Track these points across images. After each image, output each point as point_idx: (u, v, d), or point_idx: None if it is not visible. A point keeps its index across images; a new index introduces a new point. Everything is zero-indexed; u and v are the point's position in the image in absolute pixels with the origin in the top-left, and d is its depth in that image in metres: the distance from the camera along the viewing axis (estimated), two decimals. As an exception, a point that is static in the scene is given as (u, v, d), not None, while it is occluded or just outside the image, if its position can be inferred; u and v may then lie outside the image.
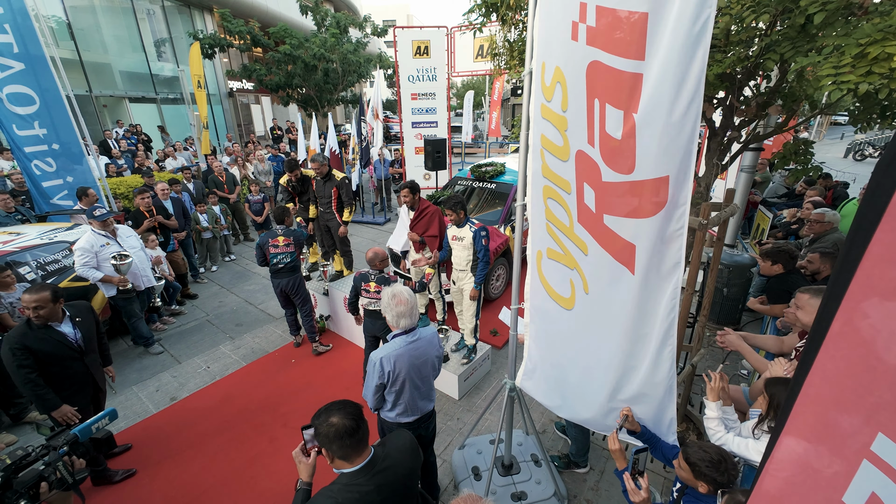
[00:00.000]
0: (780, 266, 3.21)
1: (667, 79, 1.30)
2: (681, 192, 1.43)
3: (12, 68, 5.27)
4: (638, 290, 1.63)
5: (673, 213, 1.46)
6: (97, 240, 4.20)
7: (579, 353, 2.11)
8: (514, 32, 2.86)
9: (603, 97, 1.53)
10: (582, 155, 1.72)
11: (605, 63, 1.47)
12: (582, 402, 2.23)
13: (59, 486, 1.56)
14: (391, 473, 1.54)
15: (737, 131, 2.41)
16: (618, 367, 1.91)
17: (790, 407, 0.95)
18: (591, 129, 1.63)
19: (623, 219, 1.59)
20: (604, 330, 1.88)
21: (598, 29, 1.47)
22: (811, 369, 0.90)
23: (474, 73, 9.04)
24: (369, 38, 15.67)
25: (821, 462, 0.94)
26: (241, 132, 19.50)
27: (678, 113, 1.31)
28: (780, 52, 1.75)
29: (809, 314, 2.22)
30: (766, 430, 1.70)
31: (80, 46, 12.78)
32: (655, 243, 1.51)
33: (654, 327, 1.65)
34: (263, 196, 7.65)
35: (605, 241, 1.70)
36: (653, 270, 1.56)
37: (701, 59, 1.22)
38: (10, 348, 2.61)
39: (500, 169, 6.37)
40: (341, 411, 1.52)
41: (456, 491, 3.00)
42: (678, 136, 1.34)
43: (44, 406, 2.70)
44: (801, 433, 0.95)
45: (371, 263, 3.53)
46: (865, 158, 15.53)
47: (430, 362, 2.38)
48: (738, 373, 4.14)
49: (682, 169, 1.39)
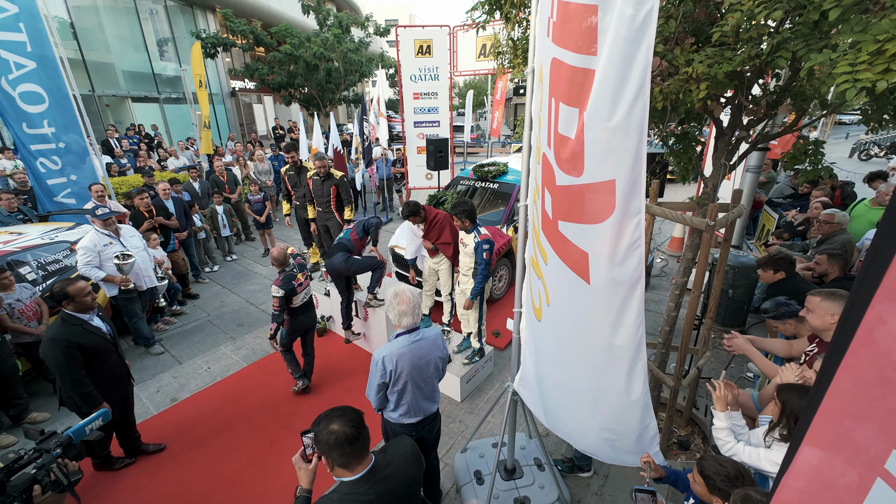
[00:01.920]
0: (781, 273, 3.17)
1: (611, 75, 1.22)
2: (631, 199, 1.32)
3: (25, 67, 5.32)
4: (597, 302, 1.53)
5: (625, 222, 1.35)
6: (100, 239, 4.18)
7: (553, 367, 2.06)
8: (517, 31, 2.82)
9: (558, 95, 1.47)
10: (544, 158, 1.66)
11: (561, 59, 1.42)
12: (563, 416, 2.18)
13: (53, 489, 1.54)
14: (393, 482, 1.50)
15: (745, 130, 2.36)
16: (591, 386, 1.81)
17: (811, 417, 0.91)
18: (549, 131, 1.58)
19: (575, 224, 1.52)
20: (572, 345, 1.80)
21: (558, 23, 1.42)
22: (834, 378, 0.86)
23: (477, 72, 8.99)
24: (371, 37, 15.65)
25: (837, 475, 0.91)
26: (244, 132, 19.51)
27: (622, 112, 1.23)
28: (791, 49, 1.70)
29: (820, 317, 2.17)
30: (778, 438, 1.66)
31: (83, 46, 12.80)
32: (610, 253, 1.41)
33: (624, 342, 1.53)
34: (264, 195, 7.64)
35: (561, 249, 1.62)
36: (612, 282, 1.46)
37: (644, 54, 1.13)
38: (65, 347, 2.58)
39: (503, 169, 6.33)
40: (342, 418, 1.47)
41: (458, 495, 2.97)
42: (624, 137, 1.25)
43: (88, 403, 2.70)
44: (821, 444, 0.91)
45: (280, 261, 3.53)
46: (871, 158, 15.40)
47: (434, 363, 2.35)
48: (743, 375, 4.09)
49: (630, 174, 1.28)
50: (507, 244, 5.34)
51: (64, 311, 2.71)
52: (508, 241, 5.40)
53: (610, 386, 1.68)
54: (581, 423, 2.00)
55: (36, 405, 3.91)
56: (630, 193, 1.31)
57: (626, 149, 1.26)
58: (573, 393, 1.92)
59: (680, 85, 1.96)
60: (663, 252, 7.21)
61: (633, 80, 1.17)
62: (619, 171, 1.30)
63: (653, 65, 2.00)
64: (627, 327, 1.48)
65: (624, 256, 1.38)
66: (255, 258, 7.58)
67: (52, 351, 2.57)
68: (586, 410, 1.90)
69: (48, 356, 2.59)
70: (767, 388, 2.13)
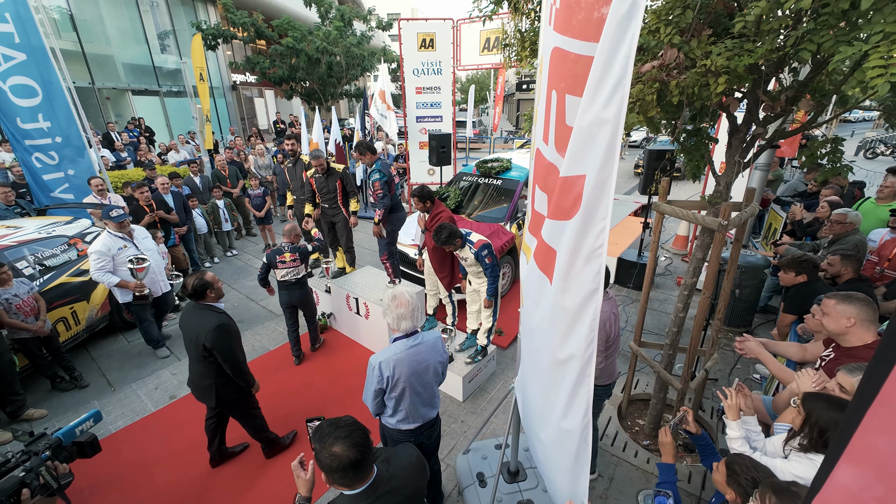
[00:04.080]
0: (803, 276, 3.10)
1: (598, 63, 1.13)
2: (599, 201, 1.20)
3: (14, 59, 5.17)
4: (554, 303, 1.42)
5: (588, 225, 1.25)
6: (114, 242, 4.01)
7: (525, 372, 1.99)
8: (525, 22, 2.73)
9: (562, 87, 1.38)
10: (538, 154, 1.57)
11: (565, 49, 1.33)
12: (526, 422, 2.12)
13: (42, 493, 1.50)
14: (395, 496, 1.43)
15: (762, 127, 2.27)
16: (542, 397, 1.69)
17: (850, 433, 0.84)
18: (546, 125, 1.48)
19: (551, 221, 1.44)
20: (535, 352, 1.70)
21: (561, 10, 1.33)
22: (879, 393, 0.79)
23: (480, 66, 8.85)
24: (373, 31, 15.51)
25: (877, 499, 0.85)
26: (245, 125, 19.42)
27: (600, 102, 1.14)
28: (817, 41, 1.62)
29: (835, 320, 2.10)
30: (798, 448, 1.59)
31: (83, 38, 12.70)
32: (572, 254, 1.31)
33: (571, 356, 1.39)
34: (264, 190, 7.57)
35: (538, 247, 1.53)
36: (571, 285, 1.35)
37: (628, 43, 1.04)
38: (236, 333, 2.75)
39: (507, 165, 6.24)
40: (347, 441, 1.33)
41: (460, 497, 2.91)
42: (599, 130, 1.16)
43: (248, 383, 2.89)
44: (861, 464, 0.85)
45: (287, 235, 4.04)
46: (877, 157, 15.24)
47: (433, 368, 2.28)
48: (750, 377, 4.03)
49: (599, 172, 1.18)
50: (510, 241, 5.27)
51: (206, 302, 2.73)
52: (512, 238, 5.33)
53: (557, 397, 1.52)
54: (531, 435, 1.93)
55: (33, 401, 3.87)
56: (597, 194, 1.20)
57: (598, 144, 1.16)
58: (532, 399, 1.84)
59: (697, 78, 1.88)
60: (667, 250, 7.13)
61: (615, 70, 1.08)
62: (589, 167, 1.20)
63: (670, 57, 1.92)
64: (577, 340, 1.35)
65: (584, 262, 1.28)
66: (255, 253, 7.52)
67: (227, 338, 2.65)
68: (535, 421, 1.82)
69: (221, 344, 2.63)
70: (783, 395, 2.06)
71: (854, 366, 1.73)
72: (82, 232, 4.73)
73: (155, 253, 4.38)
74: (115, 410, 3.80)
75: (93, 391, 4.06)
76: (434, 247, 3.93)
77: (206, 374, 2.77)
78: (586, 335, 1.31)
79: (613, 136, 1.13)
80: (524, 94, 31.15)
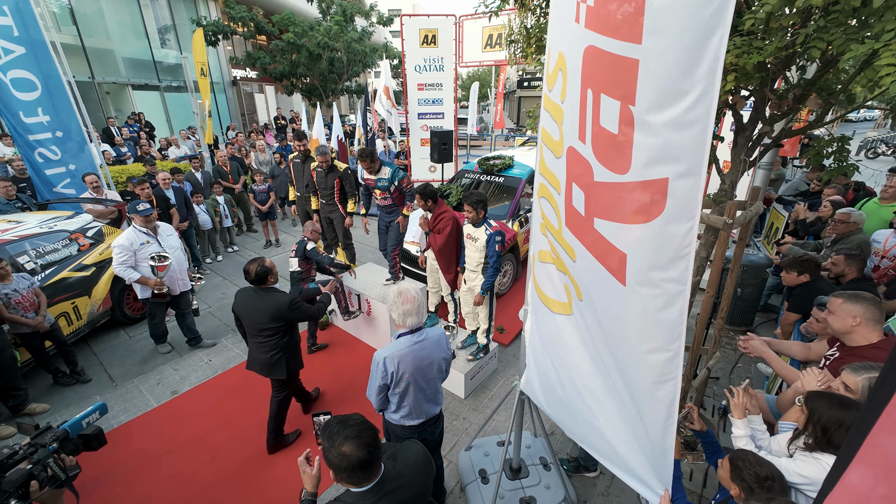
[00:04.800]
0: (806, 276, 3.09)
1: (669, 64, 1.11)
2: (685, 202, 1.18)
3: (14, 52, 5.14)
4: (631, 305, 1.42)
5: (673, 226, 1.23)
6: (137, 237, 3.96)
7: (571, 364, 1.97)
8: (531, 18, 2.72)
9: (598, 87, 1.36)
10: (573, 152, 1.56)
11: (601, 48, 1.30)
12: (571, 416, 2.11)
13: (50, 484, 1.50)
14: (403, 493, 1.43)
15: (768, 125, 2.27)
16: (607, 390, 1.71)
17: (863, 435, 0.84)
18: (582, 124, 1.46)
19: (615, 224, 1.41)
20: (599, 344, 1.71)
21: (596, 8, 1.30)
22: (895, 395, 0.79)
23: (482, 63, 8.82)
24: (375, 27, 15.43)
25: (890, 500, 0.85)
26: (245, 121, 19.35)
27: (683, 106, 1.12)
28: (827, 39, 1.61)
29: (841, 319, 2.10)
30: (803, 447, 1.60)
31: (83, 32, 12.62)
32: (651, 257, 1.30)
33: (655, 350, 1.42)
34: (268, 186, 7.55)
35: (595, 247, 1.52)
36: (651, 288, 1.35)
37: (716, 45, 1.01)
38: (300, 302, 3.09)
39: (509, 162, 6.23)
40: (356, 441, 1.32)
41: (462, 494, 2.92)
42: (682, 132, 1.14)
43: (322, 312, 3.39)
44: (873, 465, 0.85)
45: (307, 230, 4.06)
46: (878, 157, 15.23)
47: (437, 364, 2.28)
48: (750, 376, 4.04)
49: (686, 174, 1.16)
50: (512, 239, 5.26)
51: (267, 286, 3.00)
52: (514, 235, 5.32)
53: (634, 393, 1.57)
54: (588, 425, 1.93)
55: (34, 395, 3.87)
56: (685, 196, 1.18)
57: (684, 146, 1.14)
58: (591, 390, 1.83)
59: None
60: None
61: (700, 73, 1.06)
62: (674, 170, 1.18)
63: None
64: (660, 339, 1.37)
65: (668, 263, 1.27)
66: (256, 250, 7.51)
67: (298, 307, 3.02)
68: (598, 414, 1.82)
69: (297, 312, 3.01)
70: (787, 394, 2.06)
71: (859, 365, 1.73)
72: (84, 227, 4.72)
73: (178, 251, 4.30)
74: (117, 405, 3.80)
75: (94, 386, 4.06)
76: (440, 247, 3.92)
77: (275, 350, 3.01)
78: (670, 331, 1.33)
79: (701, 140, 1.11)
80: (525, 91, 31.03)
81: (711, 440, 1.92)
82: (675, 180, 1.18)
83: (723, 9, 0.98)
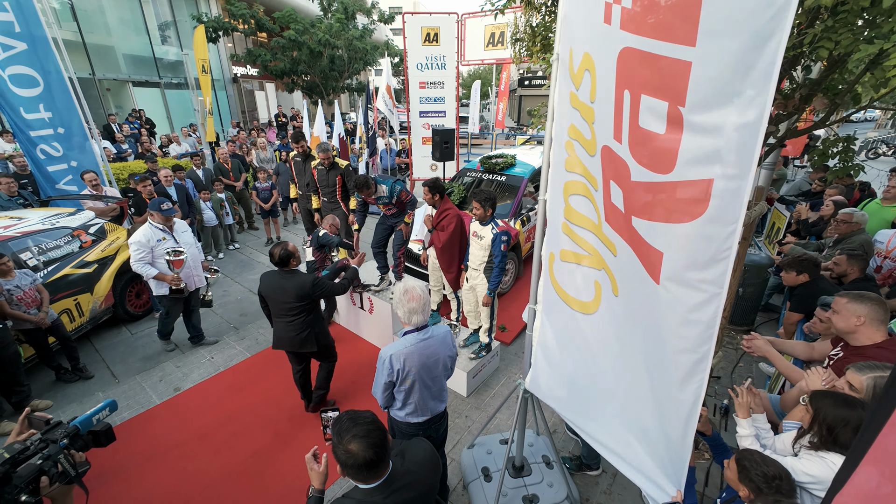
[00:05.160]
0: (805, 276, 3.10)
1: (724, 67, 1.11)
2: (729, 204, 1.17)
3: (14, 48, 5.12)
4: (661, 303, 1.43)
5: (715, 229, 1.23)
6: (154, 234, 3.93)
7: (591, 360, 1.98)
8: (536, 17, 2.71)
9: (637, 88, 1.36)
10: (608, 151, 1.57)
11: (642, 49, 1.31)
12: (584, 412, 2.12)
13: (60, 480, 1.50)
14: (410, 490, 1.43)
15: (773, 125, 2.27)
16: (632, 387, 1.73)
17: (874, 434, 0.85)
18: (618, 124, 1.47)
19: (652, 223, 1.42)
20: (630, 337, 1.73)
21: (635, 11, 1.31)
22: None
23: (484, 61, 8.80)
24: (376, 24, 15.40)
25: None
26: (246, 119, 19.31)
27: (736, 108, 1.12)
28: (835, 38, 1.61)
29: (845, 319, 2.11)
30: (808, 446, 1.60)
31: (84, 28, 12.58)
32: (689, 257, 1.30)
33: (683, 350, 1.42)
34: (271, 183, 7.54)
35: (634, 243, 1.54)
36: (686, 288, 1.35)
37: (774, 48, 1.01)
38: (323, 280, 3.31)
39: (511, 161, 6.22)
40: (364, 440, 1.33)
41: (465, 491, 2.93)
42: (733, 134, 1.14)
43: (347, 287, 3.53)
44: (884, 465, 0.86)
45: (326, 224, 4.23)
46: (879, 157, 15.23)
47: (442, 362, 2.28)
48: (751, 376, 4.05)
49: (733, 176, 1.16)
50: (514, 237, 5.26)
51: (290, 268, 3.20)
52: (516, 234, 5.32)
53: (659, 389, 1.59)
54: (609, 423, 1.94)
55: (37, 392, 3.87)
56: (730, 198, 1.18)
57: (733, 149, 1.14)
58: (615, 386, 1.85)
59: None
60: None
61: (755, 76, 1.06)
62: (721, 171, 1.18)
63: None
64: (690, 339, 1.37)
65: (706, 264, 1.27)
66: (257, 247, 7.51)
67: (322, 285, 3.22)
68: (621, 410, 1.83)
69: (321, 289, 3.22)
70: (792, 393, 2.07)
71: (864, 364, 1.74)
72: (86, 224, 4.72)
73: (193, 247, 4.28)
74: (120, 402, 3.80)
75: (97, 383, 4.07)
76: (442, 245, 3.92)
77: (304, 326, 3.24)
78: (700, 334, 1.33)
79: (751, 142, 1.10)
80: (526, 89, 30.97)
81: (719, 443, 1.93)
82: (720, 181, 1.18)
83: (783, 12, 0.98)
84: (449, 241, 3.89)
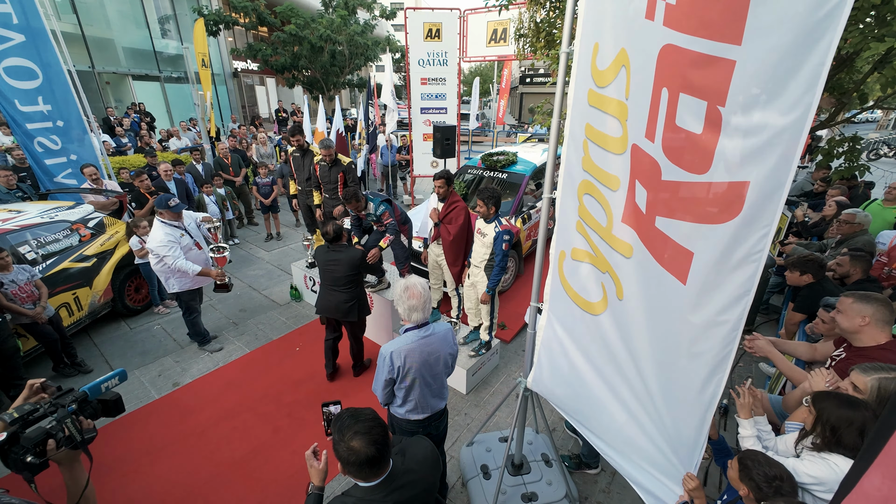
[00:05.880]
0: (809, 276, 3.08)
1: (770, 67, 1.08)
2: (764, 207, 1.17)
3: (12, 40, 5.07)
4: (688, 304, 1.42)
5: (748, 231, 1.22)
6: (172, 231, 3.88)
7: (601, 360, 1.97)
8: (541, 13, 2.68)
9: (677, 86, 1.34)
10: (637, 150, 1.55)
11: (685, 47, 1.28)
12: (593, 415, 2.11)
13: (66, 444, 1.49)
14: (411, 489, 1.42)
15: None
16: (636, 388, 1.73)
17: (885, 438, 0.84)
18: (651, 123, 1.45)
19: (681, 222, 1.41)
20: (637, 340, 1.72)
21: (680, 7, 1.28)
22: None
23: (486, 58, 8.75)
24: (377, 20, 15.31)
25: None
26: (246, 114, 19.24)
27: (778, 110, 1.10)
28: (845, 36, 1.59)
29: (850, 319, 2.09)
30: (810, 447, 1.59)
31: (83, 20, 12.51)
32: (719, 258, 1.30)
33: (704, 353, 1.43)
34: (272, 179, 7.51)
35: (654, 244, 1.53)
36: (713, 289, 1.35)
37: (823, 50, 0.98)
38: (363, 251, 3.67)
39: (513, 158, 6.19)
40: (366, 437, 1.32)
41: (464, 489, 2.93)
42: (774, 136, 1.12)
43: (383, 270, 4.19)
44: (892, 469, 0.84)
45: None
46: (880, 158, 15.21)
47: (443, 359, 2.27)
48: (750, 376, 4.04)
49: (770, 178, 1.14)
50: (516, 236, 5.25)
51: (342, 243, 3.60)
52: (517, 232, 5.30)
53: (675, 391, 1.60)
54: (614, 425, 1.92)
55: (36, 386, 3.86)
56: (765, 201, 1.18)
57: (773, 151, 1.12)
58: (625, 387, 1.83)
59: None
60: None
61: (801, 78, 1.03)
62: (759, 173, 1.17)
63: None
64: (714, 340, 1.37)
65: (736, 266, 1.27)
66: (257, 242, 7.49)
67: (363, 255, 3.60)
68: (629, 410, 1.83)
69: (361, 261, 3.56)
70: (794, 394, 2.06)
71: (868, 365, 1.72)
72: (85, 217, 4.69)
73: (200, 238, 4.27)
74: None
75: (95, 377, 4.03)
76: (452, 237, 3.90)
77: (350, 297, 3.59)
78: (725, 336, 1.34)
79: (792, 144, 1.08)
80: (527, 87, 30.87)
81: (723, 446, 1.93)
82: (757, 184, 1.17)
83: (836, 11, 0.94)
84: (458, 233, 3.88)
